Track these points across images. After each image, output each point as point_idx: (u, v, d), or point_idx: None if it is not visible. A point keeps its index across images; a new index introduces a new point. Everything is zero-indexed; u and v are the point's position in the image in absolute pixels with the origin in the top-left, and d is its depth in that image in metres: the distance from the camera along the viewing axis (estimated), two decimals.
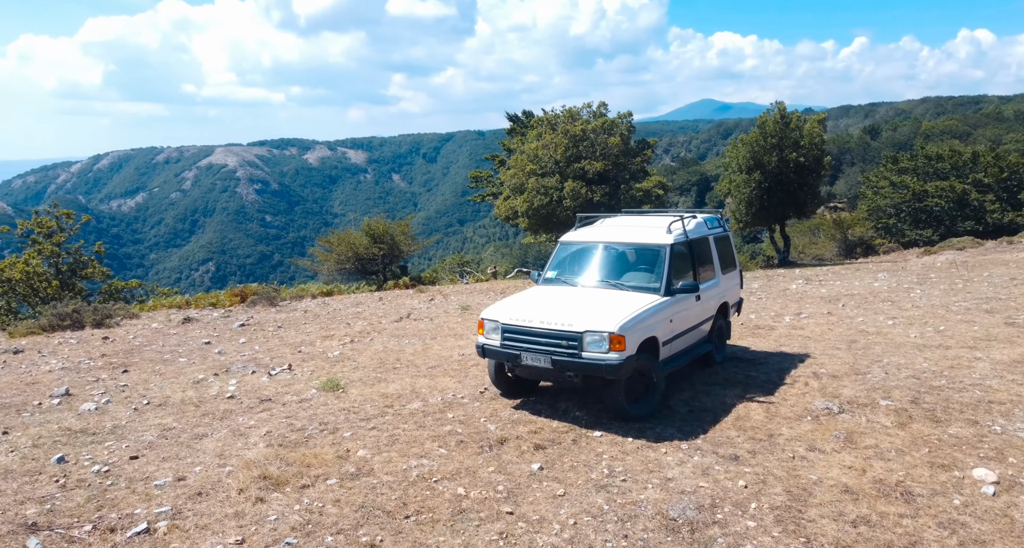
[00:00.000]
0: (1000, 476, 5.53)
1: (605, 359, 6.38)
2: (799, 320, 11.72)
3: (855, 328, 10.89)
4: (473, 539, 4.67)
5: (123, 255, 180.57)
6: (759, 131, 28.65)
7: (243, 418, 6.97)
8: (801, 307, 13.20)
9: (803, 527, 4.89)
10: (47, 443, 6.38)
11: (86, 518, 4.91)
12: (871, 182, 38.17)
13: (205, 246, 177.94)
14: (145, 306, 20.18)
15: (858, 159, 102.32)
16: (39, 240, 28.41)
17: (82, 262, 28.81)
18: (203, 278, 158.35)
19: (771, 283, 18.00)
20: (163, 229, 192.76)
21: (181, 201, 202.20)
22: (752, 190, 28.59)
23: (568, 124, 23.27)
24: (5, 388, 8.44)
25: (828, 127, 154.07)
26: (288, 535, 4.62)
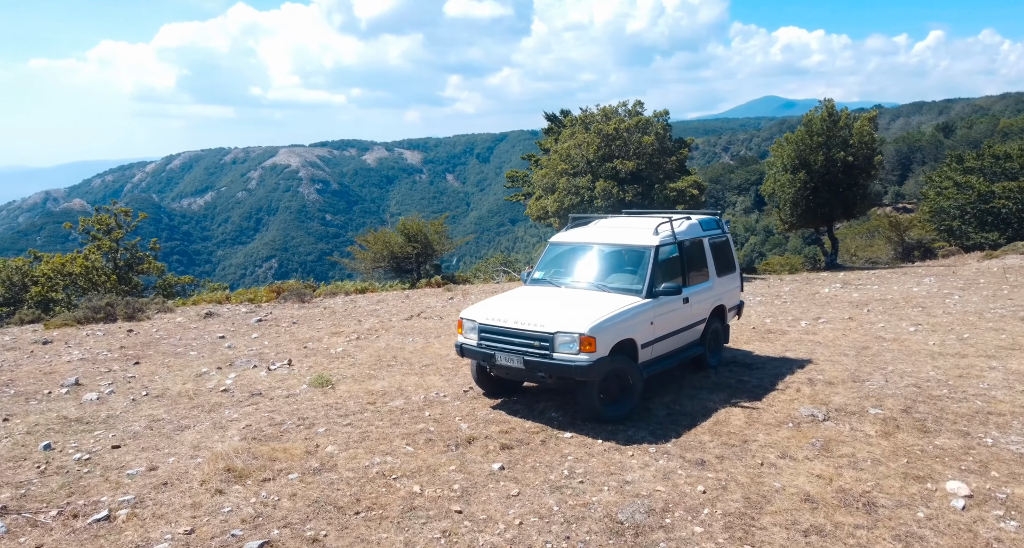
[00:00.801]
0: (975, 490, 5.31)
1: (575, 360, 6.36)
2: (816, 325, 11.39)
3: (872, 334, 10.52)
4: (416, 537, 4.71)
5: (192, 251, 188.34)
6: (805, 129, 27.87)
7: (229, 411, 7.19)
8: (824, 312, 12.81)
9: (751, 534, 4.80)
10: (41, 430, 6.68)
11: (55, 504, 5.12)
12: (934, 182, 36.59)
13: (268, 243, 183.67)
14: (186, 301, 21.01)
15: (929, 158, 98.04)
16: (99, 236, 29.89)
17: (138, 258, 30.17)
18: (266, 274, 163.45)
19: (804, 287, 17.51)
20: (229, 227, 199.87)
21: (247, 200, 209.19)
22: (797, 190, 27.84)
23: (601, 123, 23.11)
24: (24, 377, 8.89)
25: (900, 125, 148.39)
26: (237, 527, 4.75)
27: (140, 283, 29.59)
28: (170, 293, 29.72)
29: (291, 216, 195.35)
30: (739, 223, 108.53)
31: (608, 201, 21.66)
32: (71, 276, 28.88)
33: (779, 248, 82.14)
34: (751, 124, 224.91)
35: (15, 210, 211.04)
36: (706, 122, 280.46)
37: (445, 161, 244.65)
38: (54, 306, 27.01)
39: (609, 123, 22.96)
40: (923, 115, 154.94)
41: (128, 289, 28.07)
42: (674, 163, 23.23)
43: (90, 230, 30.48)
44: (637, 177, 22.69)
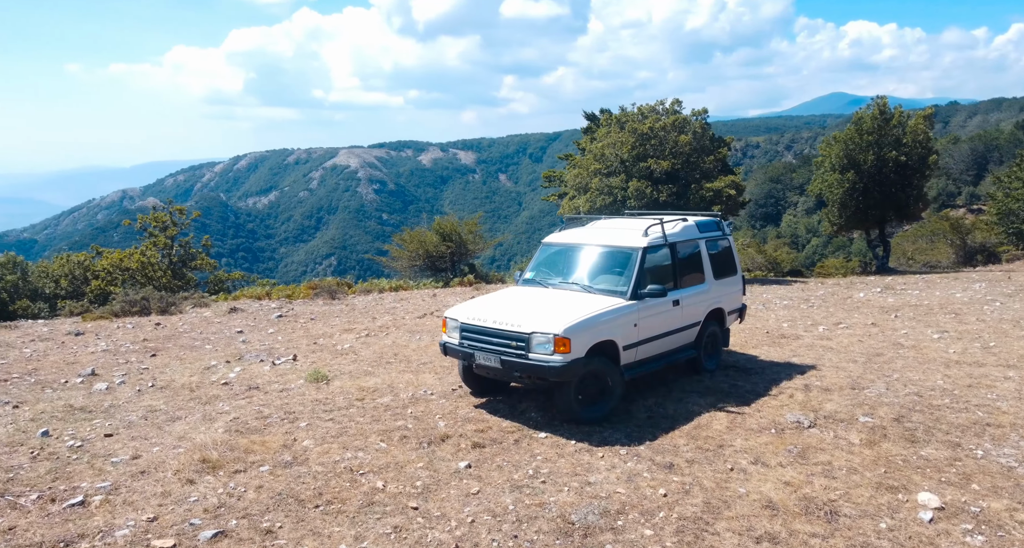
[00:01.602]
0: (948, 502, 5.13)
1: (549, 361, 6.38)
2: (834, 330, 11.09)
3: (890, 341, 10.18)
4: (367, 531, 4.78)
5: (256, 249, 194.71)
6: (854, 128, 26.97)
7: (223, 404, 7.41)
8: (848, 317, 12.44)
9: (702, 539, 4.75)
10: (45, 418, 6.98)
11: (38, 488, 5.35)
12: (1003, 183, 34.83)
13: (328, 242, 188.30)
14: (228, 296, 21.79)
15: (1007, 156, 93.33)
16: (155, 233, 31.26)
17: (191, 254, 31.41)
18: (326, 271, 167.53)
19: (840, 291, 16.99)
20: (292, 225, 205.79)
21: (308, 199, 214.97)
22: (845, 191, 26.98)
23: (636, 122, 22.88)
24: (48, 366, 9.32)
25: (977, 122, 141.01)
26: (198, 516, 4.90)
27: (194, 278, 30.78)
28: (221, 288, 30.86)
29: (350, 215, 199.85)
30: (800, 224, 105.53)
31: (641, 201, 21.45)
32: (128, 271, 30.28)
33: (843, 250, 79.50)
34: (816, 122, 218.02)
35: (95, 208, 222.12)
36: (768, 120, 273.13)
37: (498, 161, 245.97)
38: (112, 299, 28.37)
39: (644, 122, 22.71)
40: (1002, 112, 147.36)
41: (181, 284, 29.29)
42: (711, 162, 22.79)
43: (147, 227, 31.88)
44: (673, 177, 22.39)
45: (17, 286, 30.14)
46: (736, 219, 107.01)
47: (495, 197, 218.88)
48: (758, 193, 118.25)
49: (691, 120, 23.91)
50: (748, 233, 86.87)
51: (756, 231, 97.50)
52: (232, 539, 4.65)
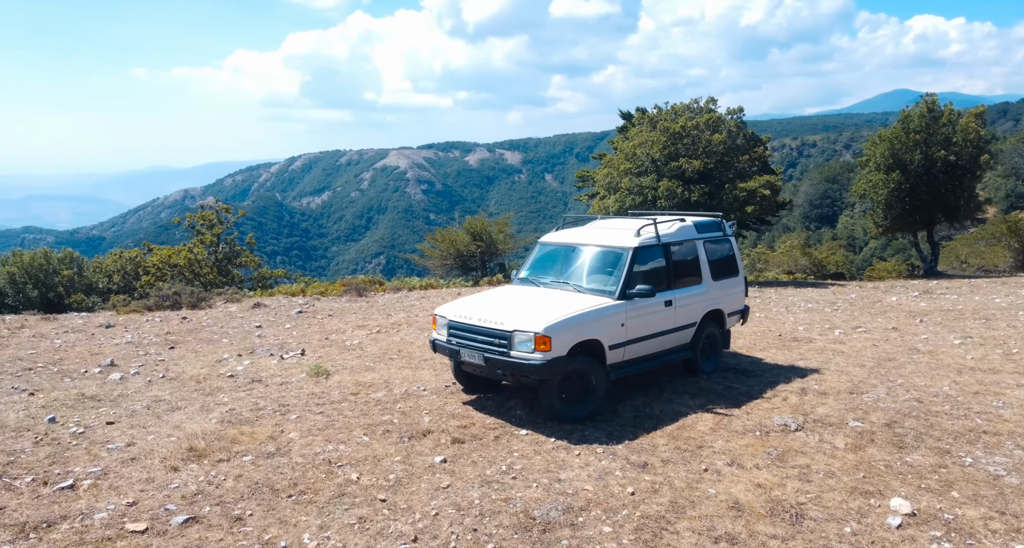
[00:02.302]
0: (921, 509, 5.03)
1: (530, 359, 6.43)
2: (850, 334, 10.83)
3: (907, 346, 9.90)
4: (332, 521, 4.89)
5: (310, 247, 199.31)
6: (901, 127, 26.11)
7: (224, 396, 7.65)
8: (871, 321, 12.12)
9: (659, 537, 4.76)
10: (56, 405, 7.30)
11: (35, 471, 5.62)
12: None
13: (378, 241, 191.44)
14: (265, 292, 22.42)
15: None
16: (202, 231, 32.36)
17: (236, 251, 32.40)
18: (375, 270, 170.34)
19: (874, 294, 16.53)
20: (343, 225, 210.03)
21: (359, 199, 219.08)
22: (891, 191, 26.14)
23: (668, 121, 22.64)
24: (73, 356, 9.72)
25: None
26: (175, 502, 5.10)
27: (239, 275, 31.74)
28: (264, 285, 31.76)
29: (398, 215, 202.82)
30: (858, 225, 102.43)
31: (672, 201, 21.23)
32: (177, 267, 31.42)
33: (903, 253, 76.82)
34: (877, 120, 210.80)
35: (158, 206, 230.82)
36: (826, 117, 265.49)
37: (544, 161, 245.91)
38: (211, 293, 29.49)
39: (677, 121, 22.46)
40: None
41: (226, 280, 30.26)
42: (745, 162, 22.39)
43: (195, 225, 33.01)
44: (705, 176, 22.09)
45: (73, 281, 31.60)
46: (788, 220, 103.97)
47: (541, 197, 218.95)
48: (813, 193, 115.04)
49: (725, 119, 23.54)
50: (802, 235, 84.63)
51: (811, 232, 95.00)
52: (202, 525, 4.85)
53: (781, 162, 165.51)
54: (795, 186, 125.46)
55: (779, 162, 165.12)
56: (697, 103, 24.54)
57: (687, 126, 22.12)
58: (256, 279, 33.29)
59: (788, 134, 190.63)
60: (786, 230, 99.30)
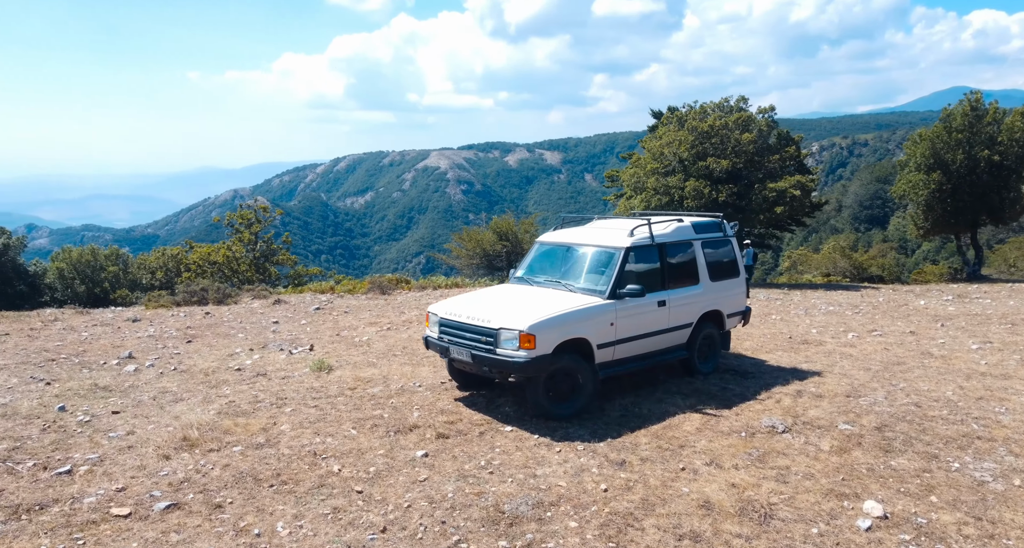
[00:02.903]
0: (894, 512, 4.98)
1: (515, 356, 6.51)
2: (864, 338, 10.65)
3: (920, 350, 9.69)
4: (308, 510, 5.03)
5: (353, 246, 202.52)
6: (942, 125, 25.35)
7: (227, 388, 7.88)
8: (890, 324, 11.88)
9: (624, 533, 4.79)
10: (68, 394, 7.59)
11: (38, 456, 5.88)
12: None
13: (418, 240, 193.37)
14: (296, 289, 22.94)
15: None
16: (241, 229, 33.22)
17: (272, 250, 33.18)
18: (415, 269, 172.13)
19: (903, 297, 16.16)
20: (385, 225, 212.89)
21: (401, 200, 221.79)
22: (931, 192, 25.41)
23: (695, 120, 22.40)
24: (95, 349, 10.06)
25: None
26: (161, 488, 5.29)
27: (275, 272, 32.51)
28: (300, 282, 32.48)
29: (438, 215, 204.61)
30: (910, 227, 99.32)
31: (699, 201, 21.02)
32: (216, 264, 32.32)
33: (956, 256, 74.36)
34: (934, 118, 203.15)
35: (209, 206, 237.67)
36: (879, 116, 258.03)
37: (584, 161, 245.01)
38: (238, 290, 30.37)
39: (705, 120, 22.22)
40: None
41: (263, 277, 31.02)
42: (776, 161, 22.01)
43: (234, 224, 33.88)
44: (734, 176, 21.80)
45: (118, 277, 32.86)
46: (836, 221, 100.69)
47: (580, 197, 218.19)
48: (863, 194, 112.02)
49: (756, 118, 23.18)
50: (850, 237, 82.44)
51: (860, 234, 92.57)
52: (183, 511, 5.04)
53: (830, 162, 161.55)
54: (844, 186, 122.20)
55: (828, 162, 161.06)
56: (727, 102, 24.23)
57: (715, 125, 21.87)
58: (292, 277, 34.05)
59: (838, 133, 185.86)
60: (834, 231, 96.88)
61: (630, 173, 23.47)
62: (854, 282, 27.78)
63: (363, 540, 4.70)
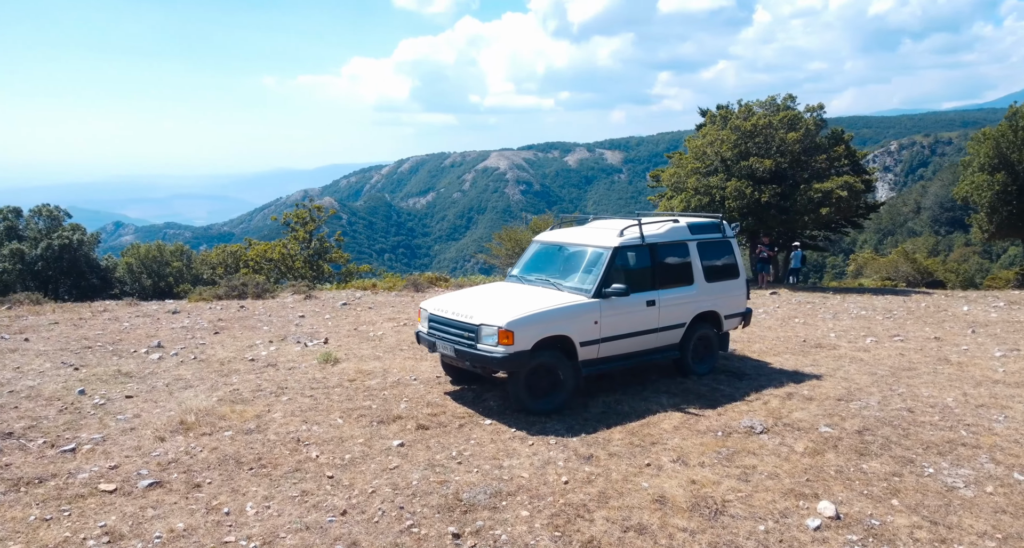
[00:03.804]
0: (848, 513, 4.99)
1: (493, 352, 6.69)
2: (883, 342, 10.40)
3: (938, 356, 9.44)
4: (278, 493, 5.30)
5: (414, 246, 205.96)
6: (1008, 124, 24.12)
7: (236, 377, 8.27)
8: (918, 330, 11.56)
9: (572, 523, 4.91)
10: (91, 379, 8.08)
11: (48, 435, 6.32)
12: None
13: (476, 240, 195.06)
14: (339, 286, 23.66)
15: None
16: (296, 228, 34.40)
17: (325, 248, 34.24)
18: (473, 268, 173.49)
19: (945, 302, 15.57)
20: (445, 224, 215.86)
21: (460, 200, 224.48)
22: (995, 194, 24.21)
23: (738, 119, 21.98)
24: (131, 338, 10.63)
25: None
26: (150, 468, 5.65)
27: (328, 269, 33.56)
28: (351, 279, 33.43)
29: (497, 215, 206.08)
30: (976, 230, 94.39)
31: (741, 202, 20.65)
32: (272, 261, 33.57)
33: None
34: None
35: (280, 205, 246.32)
36: (965, 113, 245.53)
37: (646, 160, 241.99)
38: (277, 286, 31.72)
39: (748, 119, 21.80)
40: None
41: (315, 274, 32.07)
42: (823, 161, 21.40)
43: (289, 222, 35.10)
44: (779, 176, 21.32)
45: (181, 272, 34.56)
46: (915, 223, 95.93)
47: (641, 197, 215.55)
48: (943, 195, 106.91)
49: (804, 116, 22.59)
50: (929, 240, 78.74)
51: (940, 237, 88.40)
52: (164, 489, 5.39)
53: (910, 161, 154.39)
54: (924, 186, 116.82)
55: (907, 161, 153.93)
56: (775, 100, 23.69)
57: (758, 124, 21.42)
58: (343, 274, 35.08)
59: (919, 130, 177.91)
60: (912, 234, 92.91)
61: (670, 172, 23.24)
62: (911, 287, 26.68)
63: (322, 522, 4.96)
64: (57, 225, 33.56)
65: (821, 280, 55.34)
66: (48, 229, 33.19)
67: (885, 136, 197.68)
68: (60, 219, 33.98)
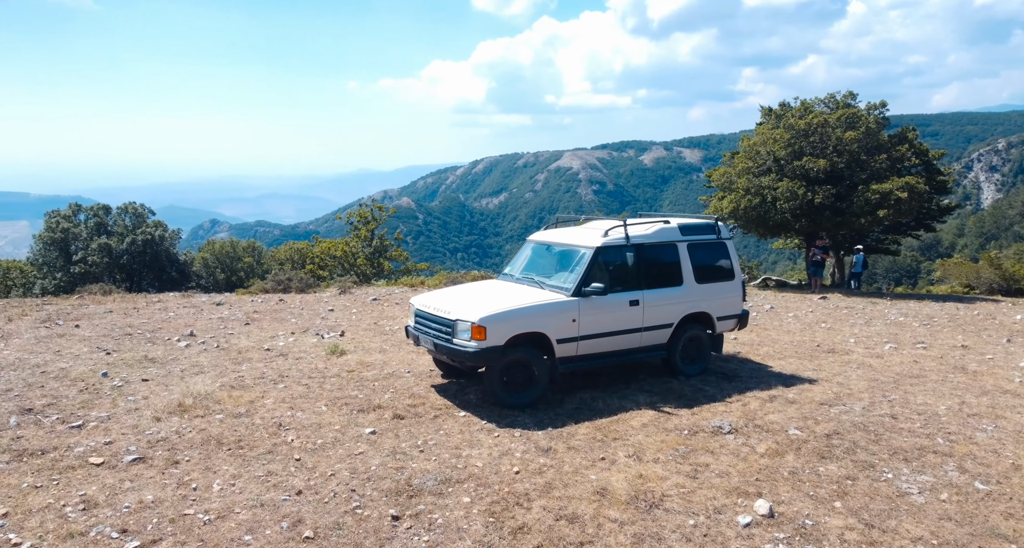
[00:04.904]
0: (783, 512, 5.07)
1: (466, 346, 6.92)
2: (902, 349, 10.07)
3: (954, 364, 9.14)
4: (246, 472, 5.68)
5: (486, 245, 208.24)
6: None
7: (246, 365, 8.76)
8: (949, 338, 11.24)
9: (508, 510, 5.10)
10: (118, 363, 8.70)
11: (64, 412, 6.88)
12: None
13: None
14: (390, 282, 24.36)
15: None
16: (359, 227, 35.55)
17: (386, 246, 35.28)
18: None
19: (999, 311, 14.68)
20: (516, 224, 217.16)
21: (532, 200, 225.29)
22: None
23: (793, 118, 21.31)
24: (169, 327, 11.33)
25: None
26: (139, 445, 6.12)
27: (389, 266, 34.58)
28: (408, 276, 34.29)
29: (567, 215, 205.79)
30: None
31: (792, 203, 20.07)
32: (336, 258, 34.86)
33: None
34: None
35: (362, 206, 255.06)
36: None
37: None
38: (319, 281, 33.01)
39: (803, 118, 21.13)
40: None
41: (375, 271, 33.12)
42: (883, 161, 20.51)
43: (352, 221, 36.32)
44: (835, 177, 20.58)
45: (252, 267, 36.41)
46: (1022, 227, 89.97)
47: None
48: None
49: (865, 115, 21.70)
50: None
51: None
52: (145, 464, 5.83)
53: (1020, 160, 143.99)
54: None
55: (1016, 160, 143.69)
56: (834, 98, 22.88)
57: (812, 123, 20.73)
58: (402, 271, 36.03)
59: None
60: (1019, 239, 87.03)
61: (720, 172, 22.76)
62: (989, 295, 25.12)
63: (277, 500, 5.30)
64: (142, 222, 35.90)
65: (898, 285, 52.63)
66: (133, 225, 35.60)
67: (992, 133, 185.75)
68: (144, 216, 36.34)
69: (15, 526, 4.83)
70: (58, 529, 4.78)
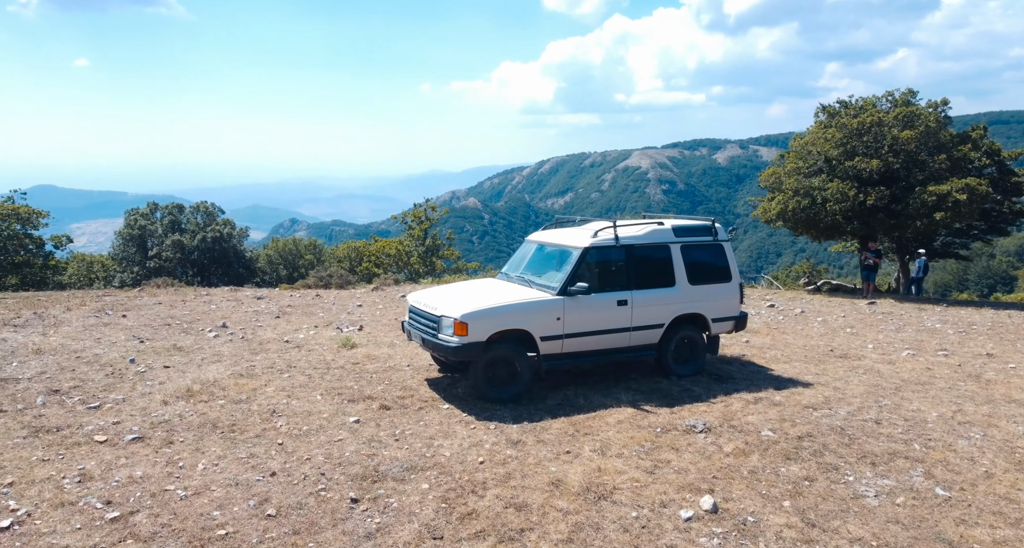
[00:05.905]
0: (727, 508, 5.22)
1: (449, 341, 7.17)
2: (919, 356, 9.82)
3: (968, 373, 8.95)
4: (231, 453, 6.07)
5: None
6: None
7: (261, 356, 9.23)
8: (978, 346, 10.99)
9: (463, 498, 5.34)
10: (147, 351, 9.29)
11: (87, 394, 7.44)
12: None
13: None
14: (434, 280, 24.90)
15: None
16: (412, 226, 36.34)
17: (438, 245, 35.95)
18: None
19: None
20: None
21: (599, 200, 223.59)
22: None
23: (846, 117, 20.59)
24: (208, 319, 11.94)
25: None
26: (142, 426, 6.59)
27: (441, 265, 35.27)
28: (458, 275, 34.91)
29: (635, 216, 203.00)
30: None
31: (843, 204, 19.42)
32: (390, 256, 35.76)
33: None
34: None
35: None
36: None
37: None
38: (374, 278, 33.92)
39: (858, 116, 20.40)
40: None
41: (428, 270, 33.83)
42: (943, 161, 19.58)
43: (407, 221, 37.17)
44: (890, 178, 19.81)
45: (312, 264, 37.82)
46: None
47: None
48: None
49: (925, 113, 20.77)
50: None
51: None
52: (142, 443, 6.30)
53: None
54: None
55: None
56: (892, 95, 22.00)
57: (865, 122, 19.99)
58: (453, 270, 36.67)
59: None
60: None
61: (768, 172, 22.21)
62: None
63: (251, 480, 5.67)
64: (212, 220, 37.81)
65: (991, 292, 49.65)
66: (204, 223, 37.54)
67: None
68: (215, 214, 38.24)
69: (16, 494, 5.33)
70: (52, 498, 5.25)
